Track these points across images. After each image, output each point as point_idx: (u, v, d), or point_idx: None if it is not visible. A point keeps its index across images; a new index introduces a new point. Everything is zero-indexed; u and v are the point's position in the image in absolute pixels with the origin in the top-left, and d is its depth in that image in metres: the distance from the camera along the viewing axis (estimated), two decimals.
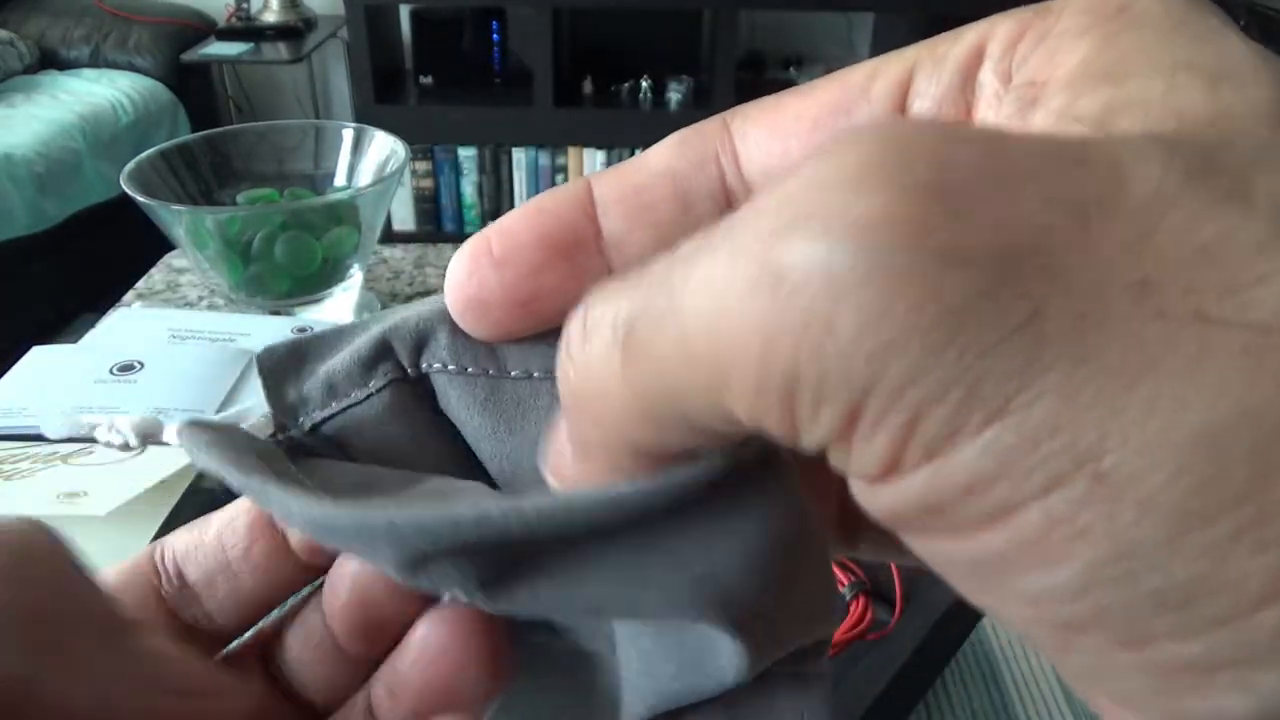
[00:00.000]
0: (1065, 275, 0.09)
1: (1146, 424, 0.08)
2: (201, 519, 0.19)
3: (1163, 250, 0.09)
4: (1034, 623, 0.10)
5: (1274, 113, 0.10)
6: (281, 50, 2.25)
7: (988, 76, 0.13)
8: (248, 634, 0.19)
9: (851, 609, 0.38)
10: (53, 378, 0.40)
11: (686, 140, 0.17)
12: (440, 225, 2.45)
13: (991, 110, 0.13)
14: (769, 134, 0.16)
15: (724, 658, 0.15)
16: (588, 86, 2.39)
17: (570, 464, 0.13)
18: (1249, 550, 0.08)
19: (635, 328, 0.11)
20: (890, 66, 0.15)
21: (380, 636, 0.17)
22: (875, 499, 0.10)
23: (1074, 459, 0.09)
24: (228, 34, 2.28)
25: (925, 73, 0.14)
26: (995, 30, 0.14)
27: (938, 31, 0.15)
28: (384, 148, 0.56)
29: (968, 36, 0.14)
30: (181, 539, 0.19)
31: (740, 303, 0.10)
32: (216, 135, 0.57)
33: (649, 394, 0.11)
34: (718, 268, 0.10)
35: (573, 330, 0.12)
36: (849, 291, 0.09)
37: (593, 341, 0.11)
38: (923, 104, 0.14)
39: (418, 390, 0.17)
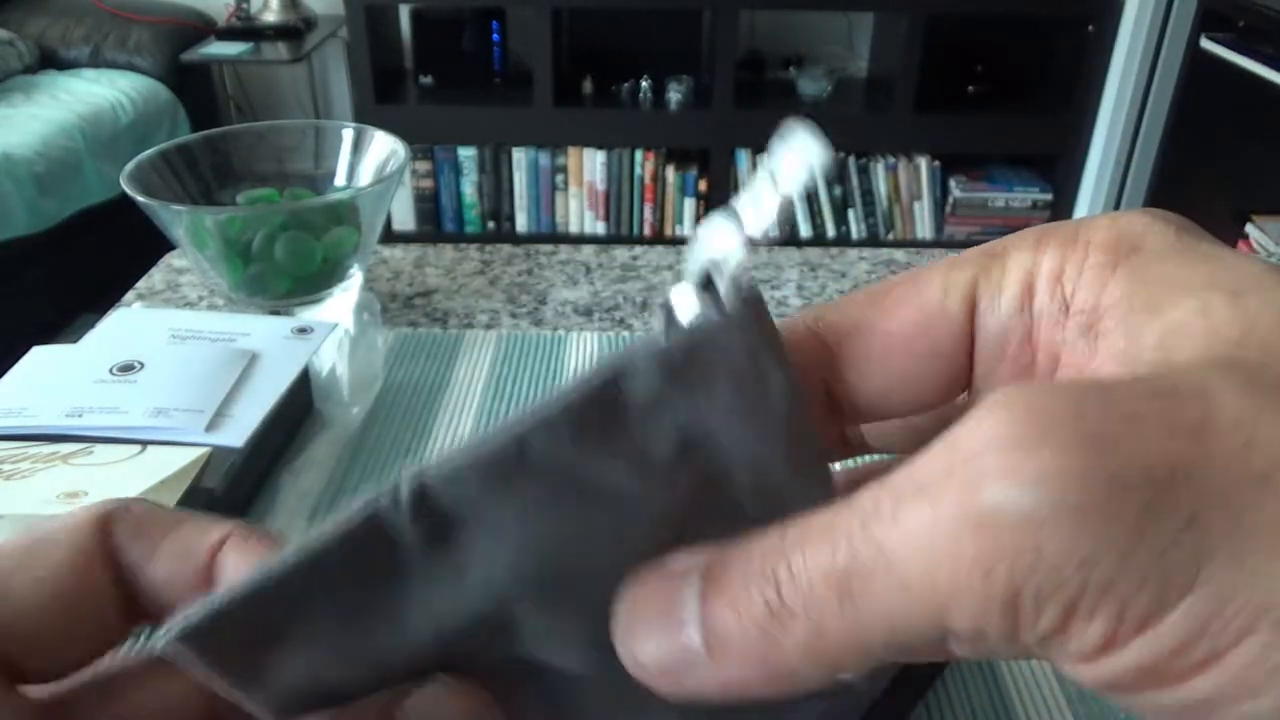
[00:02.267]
0: (1203, 481, 0.11)
1: None
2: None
3: (1265, 450, 0.12)
4: None
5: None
6: (281, 50, 2.25)
7: (1044, 304, 0.17)
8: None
9: None
10: (53, 378, 0.40)
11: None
12: (440, 225, 2.45)
13: (1056, 332, 0.17)
14: (867, 361, 0.18)
15: None
16: (588, 86, 2.39)
17: (702, 659, 0.14)
18: None
19: (851, 578, 0.13)
20: (955, 286, 0.18)
21: None
22: (1096, 671, 0.13)
23: (1255, 612, 0.11)
24: (228, 34, 2.28)
25: (986, 300, 0.17)
26: (1040, 266, 0.17)
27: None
28: (384, 148, 0.56)
29: (1015, 270, 0.17)
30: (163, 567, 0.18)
31: (956, 544, 0.12)
32: (216, 135, 0.56)
33: (867, 633, 0.13)
34: (923, 519, 0.12)
35: (774, 573, 0.14)
36: (1048, 524, 0.11)
37: (808, 586, 0.13)
38: (991, 326, 0.17)
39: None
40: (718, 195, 2.40)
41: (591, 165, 2.38)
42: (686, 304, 0.16)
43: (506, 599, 0.16)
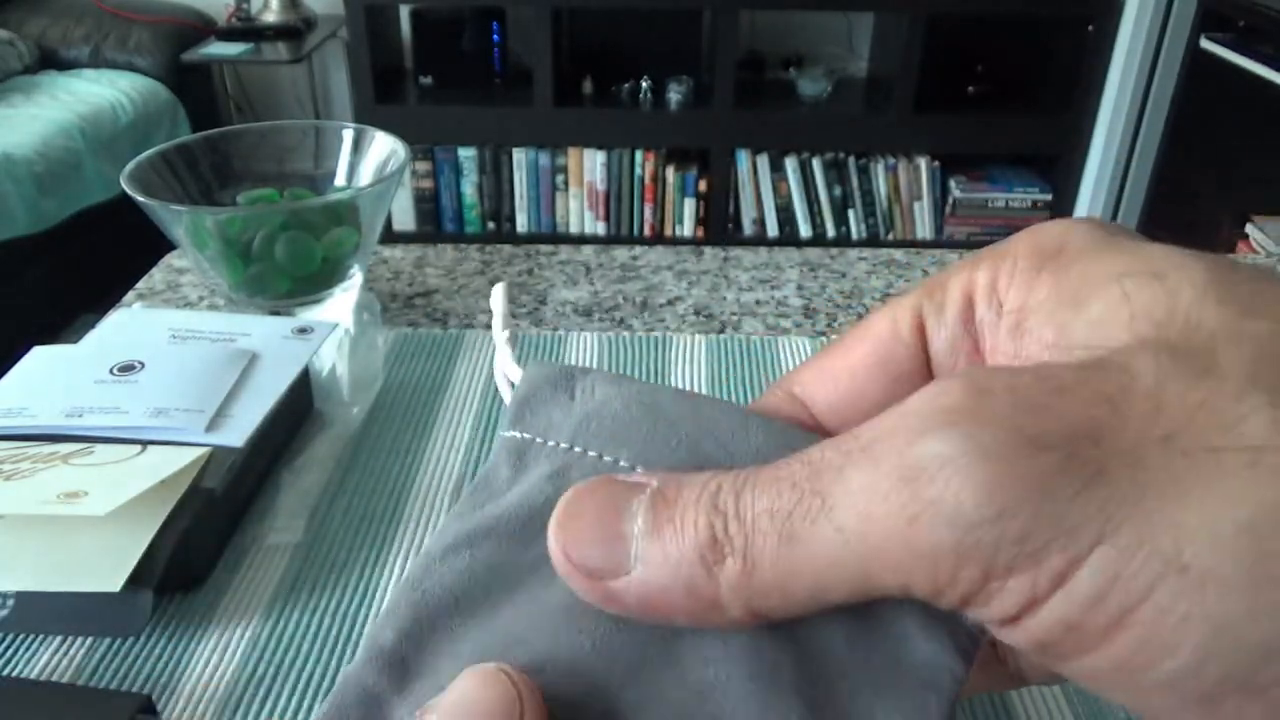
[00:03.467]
0: (1112, 441, 0.12)
1: (1201, 527, 0.12)
2: None
3: (1172, 414, 0.12)
4: (1182, 707, 0.12)
5: (1208, 281, 0.14)
6: (281, 50, 2.25)
7: (984, 314, 0.18)
8: None
9: None
10: (53, 378, 0.40)
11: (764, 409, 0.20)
12: (440, 225, 2.45)
13: (992, 337, 0.18)
14: (838, 400, 0.20)
15: None
16: (588, 86, 2.39)
17: (629, 573, 0.15)
18: None
19: (794, 521, 0.14)
20: (903, 314, 0.19)
21: None
22: (1023, 634, 0.13)
23: (1161, 562, 0.12)
24: (228, 34, 2.28)
25: (932, 320, 0.19)
26: (976, 280, 0.18)
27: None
28: (384, 148, 0.56)
29: (954, 289, 0.18)
30: None
31: (887, 495, 0.13)
32: (216, 135, 0.56)
33: (799, 573, 0.14)
34: (864, 472, 0.13)
35: (724, 509, 0.15)
36: (968, 475, 0.12)
37: (753, 525, 0.14)
38: (940, 343, 0.19)
39: None
40: (717, 195, 2.40)
41: (591, 165, 2.38)
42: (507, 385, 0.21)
43: None
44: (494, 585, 0.17)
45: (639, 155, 2.38)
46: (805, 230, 2.46)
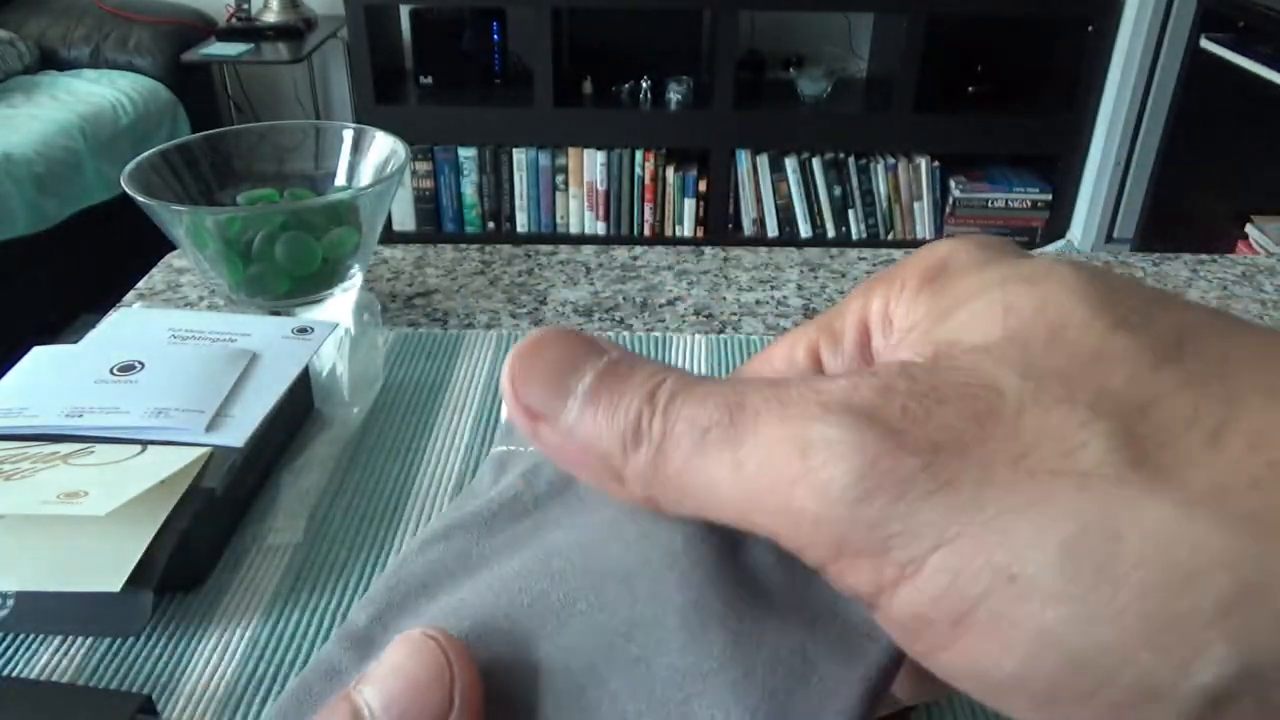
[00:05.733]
0: (970, 456, 0.13)
1: (1029, 541, 0.13)
2: None
3: (1026, 437, 0.13)
4: (1031, 710, 0.13)
5: (1078, 283, 0.15)
6: (281, 50, 2.25)
7: (879, 341, 0.19)
8: None
9: None
10: (53, 378, 0.40)
11: None
12: (440, 225, 2.45)
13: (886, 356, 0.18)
14: None
15: None
16: (588, 86, 2.39)
17: (568, 415, 0.16)
18: (1112, 615, 0.12)
19: (709, 437, 0.15)
20: (799, 349, 0.20)
21: None
22: (883, 617, 0.14)
23: (993, 571, 0.13)
24: (228, 34, 2.28)
25: (828, 355, 0.20)
26: (870, 308, 0.19)
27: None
28: (384, 148, 0.56)
29: (850, 320, 0.19)
30: None
31: (782, 458, 0.14)
32: (216, 135, 0.56)
33: (693, 482, 0.15)
34: (773, 428, 0.15)
35: (658, 404, 0.16)
36: (844, 460, 0.14)
37: (674, 425, 0.15)
38: (840, 369, 0.20)
39: None
40: (717, 195, 2.40)
41: (591, 165, 2.38)
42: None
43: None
44: (459, 570, 0.18)
45: (639, 155, 2.38)
46: (805, 230, 2.46)
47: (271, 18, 2.32)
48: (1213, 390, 0.13)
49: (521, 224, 2.44)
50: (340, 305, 0.53)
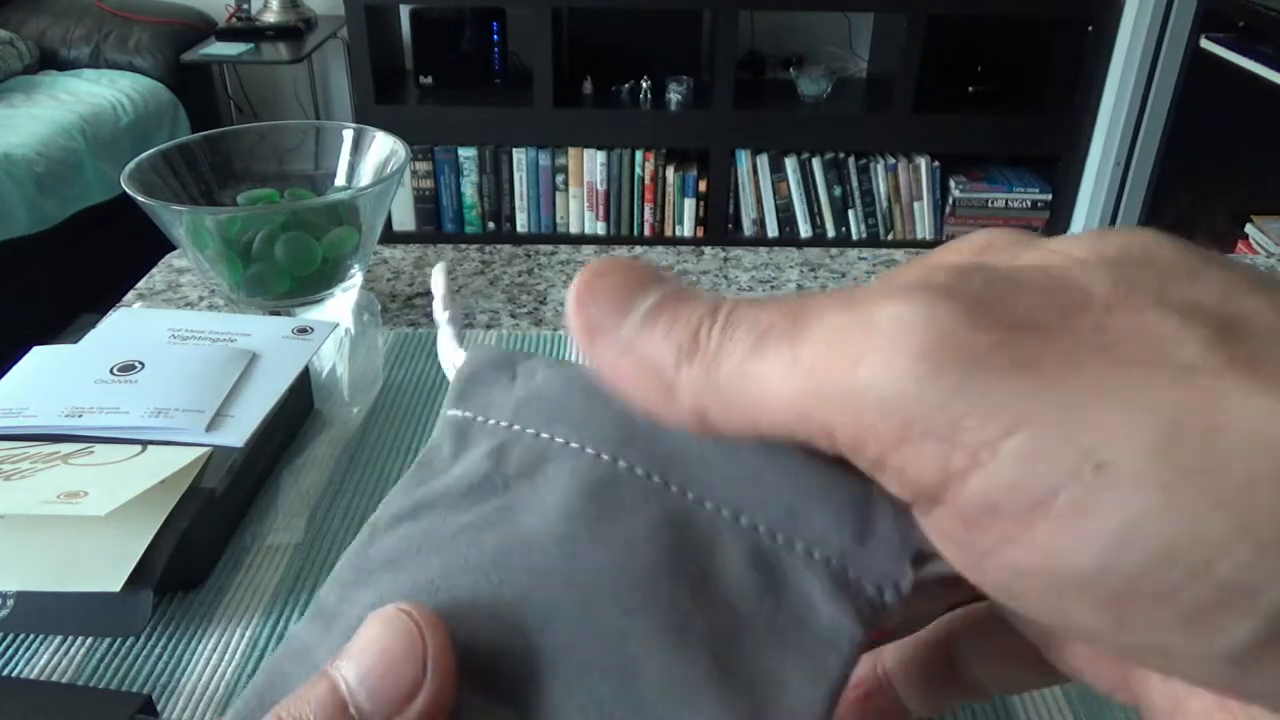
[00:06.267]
0: (1054, 341, 0.13)
1: (1120, 428, 0.12)
2: None
3: (1115, 332, 0.13)
4: (1095, 611, 0.13)
5: (1160, 238, 0.15)
6: (281, 50, 2.25)
7: None
8: None
9: None
10: (53, 378, 0.40)
11: None
12: (440, 225, 2.45)
13: None
14: None
15: None
16: (588, 86, 2.39)
17: (622, 345, 0.16)
18: (1211, 505, 0.12)
19: (768, 337, 0.15)
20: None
21: None
22: (947, 515, 0.14)
23: (1079, 456, 0.12)
24: (228, 34, 2.28)
25: None
26: None
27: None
28: (384, 148, 0.56)
29: None
30: None
31: (846, 341, 0.14)
32: (216, 135, 0.56)
33: (749, 387, 0.15)
34: (834, 316, 0.14)
35: (719, 316, 0.16)
36: (913, 335, 0.13)
37: (733, 332, 0.15)
38: None
39: None
40: (717, 195, 2.40)
41: (591, 165, 2.38)
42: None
43: None
44: (427, 548, 0.18)
45: (639, 155, 2.38)
46: (805, 230, 2.46)
47: (271, 18, 2.32)
48: None
49: (521, 224, 2.44)
50: (340, 305, 0.53)
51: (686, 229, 2.45)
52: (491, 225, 2.44)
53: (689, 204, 2.42)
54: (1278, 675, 0.12)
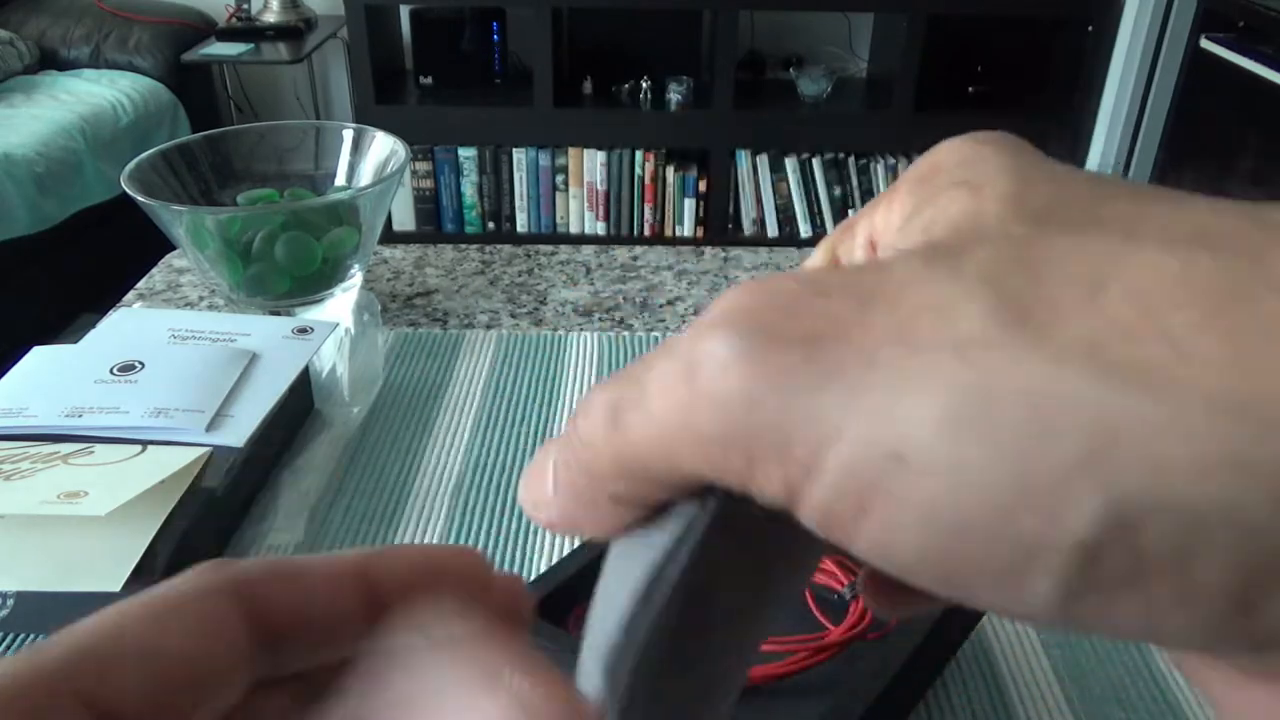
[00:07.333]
0: (853, 341, 0.13)
1: (910, 418, 0.12)
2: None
3: (909, 314, 0.13)
4: (939, 589, 0.13)
5: (1011, 190, 0.15)
6: (281, 50, 2.25)
7: (887, 251, 0.19)
8: None
9: (851, 609, 0.38)
10: (53, 378, 0.40)
11: None
12: (440, 225, 2.45)
13: None
14: None
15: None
16: (588, 86, 2.39)
17: (550, 498, 0.17)
18: (994, 476, 0.12)
19: (619, 408, 0.15)
20: (824, 247, 0.21)
21: None
22: (806, 519, 0.14)
23: (883, 453, 0.13)
24: (228, 34, 2.28)
25: (844, 257, 0.20)
26: (874, 222, 0.19)
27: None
28: (384, 148, 0.56)
29: (860, 235, 0.19)
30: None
31: (676, 388, 0.14)
32: (216, 135, 0.57)
33: (625, 456, 0.15)
34: (663, 365, 0.15)
35: (582, 408, 0.16)
36: (729, 369, 0.14)
37: (592, 417, 0.16)
38: None
39: None
40: (717, 195, 2.40)
41: (591, 165, 2.38)
42: None
43: None
44: None
45: (639, 155, 2.38)
46: (805, 230, 2.46)
47: (271, 18, 2.32)
48: (1109, 247, 0.13)
49: (521, 224, 2.44)
50: (340, 305, 0.53)
51: (686, 229, 2.45)
52: (491, 225, 2.44)
53: (689, 204, 2.42)
54: (1103, 615, 0.12)
